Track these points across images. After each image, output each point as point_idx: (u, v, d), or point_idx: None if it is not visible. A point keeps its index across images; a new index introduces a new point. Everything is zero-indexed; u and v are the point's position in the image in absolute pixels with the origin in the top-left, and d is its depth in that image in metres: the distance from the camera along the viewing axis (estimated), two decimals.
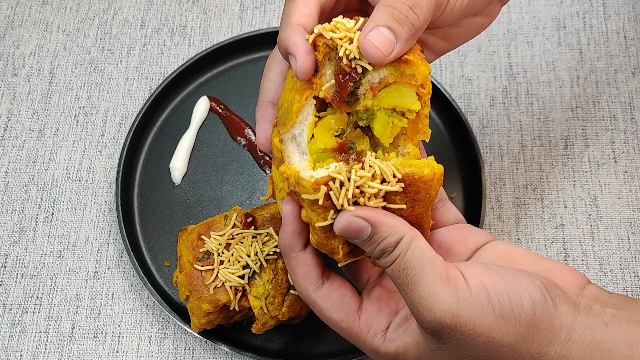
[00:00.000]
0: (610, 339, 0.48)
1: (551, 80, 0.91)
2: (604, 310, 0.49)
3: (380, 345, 0.53)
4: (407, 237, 0.49)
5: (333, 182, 0.49)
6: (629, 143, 0.87)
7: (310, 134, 0.53)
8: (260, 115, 0.59)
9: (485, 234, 0.58)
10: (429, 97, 0.53)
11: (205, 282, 0.69)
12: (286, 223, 0.53)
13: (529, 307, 0.47)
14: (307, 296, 0.55)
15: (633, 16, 0.95)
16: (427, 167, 0.51)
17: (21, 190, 0.86)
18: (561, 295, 0.49)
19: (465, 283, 0.48)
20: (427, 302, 0.47)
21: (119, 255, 0.82)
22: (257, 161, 0.86)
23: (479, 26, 0.62)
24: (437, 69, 0.93)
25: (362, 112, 0.53)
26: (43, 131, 0.89)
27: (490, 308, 0.47)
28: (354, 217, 0.49)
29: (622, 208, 0.84)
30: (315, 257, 0.55)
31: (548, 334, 0.48)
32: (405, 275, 0.48)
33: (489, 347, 0.48)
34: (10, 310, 0.79)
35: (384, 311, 0.55)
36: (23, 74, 0.93)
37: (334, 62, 0.52)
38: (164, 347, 0.78)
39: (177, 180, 0.85)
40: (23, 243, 0.83)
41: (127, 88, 0.92)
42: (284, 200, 0.54)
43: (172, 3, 0.98)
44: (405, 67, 0.52)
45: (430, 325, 0.48)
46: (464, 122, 0.84)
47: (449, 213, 0.60)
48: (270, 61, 0.60)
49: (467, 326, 0.47)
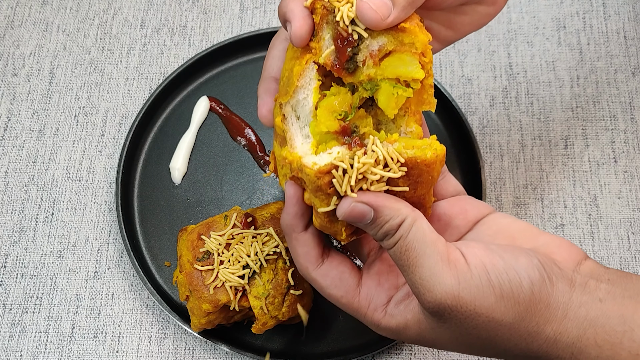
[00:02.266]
0: (604, 314, 0.49)
1: (551, 80, 0.91)
2: (599, 286, 0.50)
3: (381, 319, 0.55)
4: (409, 219, 0.50)
5: (336, 170, 0.50)
6: (629, 143, 0.87)
7: (316, 100, 0.53)
8: (263, 89, 0.59)
9: (485, 205, 0.58)
10: (431, 65, 0.53)
11: (205, 282, 0.69)
12: (289, 205, 0.54)
13: (527, 287, 0.48)
14: (307, 274, 0.56)
15: (633, 16, 0.95)
16: (430, 148, 0.51)
17: (21, 190, 0.86)
18: (558, 273, 0.50)
19: (465, 264, 0.49)
20: (429, 283, 0.48)
21: (119, 255, 0.82)
22: (257, 161, 0.86)
23: (485, 15, 0.62)
24: (437, 69, 0.93)
25: (365, 82, 0.53)
26: (43, 131, 0.90)
27: (490, 289, 0.48)
28: (357, 203, 0.50)
29: (622, 208, 0.84)
30: (316, 237, 0.56)
31: (545, 312, 0.49)
32: (407, 257, 0.49)
33: (489, 326, 0.49)
34: (10, 310, 0.79)
35: (383, 286, 0.56)
36: (23, 74, 0.93)
37: (332, 26, 0.52)
38: (164, 347, 0.78)
39: (177, 180, 0.85)
40: (23, 243, 0.83)
41: (127, 88, 0.92)
42: (288, 182, 0.54)
43: (172, 3, 0.98)
44: (403, 35, 0.52)
45: (432, 305, 0.49)
46: (464, 122, 0.84)
47: (448, 185, 0.60)
48: (274, 40, 0.61)
49: (468, 307, 0.48)
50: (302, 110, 0.54)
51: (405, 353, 0.77)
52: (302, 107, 0.54)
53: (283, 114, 0.54)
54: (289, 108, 0.54)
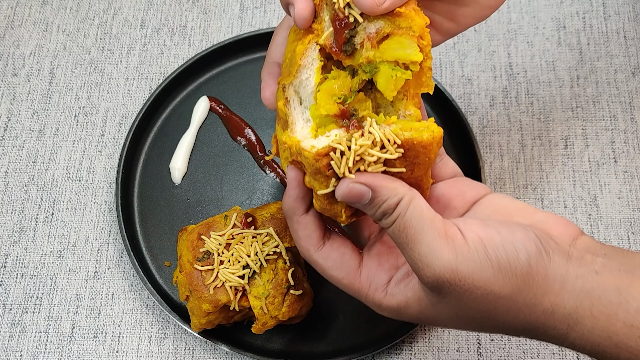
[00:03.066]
0: (600, 286, 0.49)
1: (551, 80, 0.91)
2: (595, 260, 0.50)
3: (382, 299, 0.55)
4: (407, 198, 0.51)
5: (334, 152, 0.51)
6: (629, 143, 0.87)
7: (318, 81, 0.54)
8: (267, 73, 0.60)
9: (482, 186, 0.59)
10: (429, 48, 0.53)
11: (205, 282, 0.69)
12: (290, 188, 0.55)
13: (524, 260, 0.49)
14: (309, 256, 0.57)
15: (633, 16, 0.95)
16: (427, 130, 0.52)
17: (21, 190, 0.86)
18: (554, 246, 0.51)
19: (463, 239, 0.49)
20: (427, 259, 0.49)
21: (119, 255, 0.82)
22: (257, 161, 0.86)
23: (486, 7, 0.62)
24: (437, 69, 0.93)
25: (364, 64, 0.54)
26: (43, 131, 0.90)
27: (487, 262, 0.49)
28: (354, 184, 0.51)
29: (622, 208, 0.84)
30: (317, 220, 0.57)
31: (542, 284, 0.49)
32: (405, 234, 0.50)
33: (487, 299, 0.49)
34: (10, 310, 0.79)
35: (383, 266, 0.57)
36: (23, 74, 0.93)
37: (330, 7, 0.53)
38: (164, 347, 0.78)
39: (177, 180, 0.85)
40: (23, 243, 0.83)
41: (127, 88, 0.92)
42: (289, 166, 0.55)
43: (172, 3, 0.98)
44: (399, 20, 0.53)
45: (431, 280, 0.49)
46: (464, 122, 0.84)
47: (446, 167, 0.61)
48: (278, 29, 0.62)
49: (466, 280, 0.49)
50: (304, 91, 0.54)
51: (405, 353, 0.77)
52: (304, 87, 0.54)
53: (286, 97, 0.55)
54: (292, 91, 0.55)
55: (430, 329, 0.78)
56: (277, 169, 0.85)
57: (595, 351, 0.50)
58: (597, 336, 0.49)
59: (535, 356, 0.76)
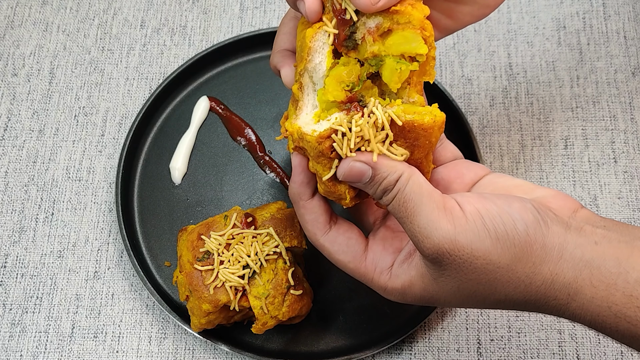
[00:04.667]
0: (599, 256, 0.49)
1: (551, 80, 0.91)
2: (594, 231, 0.51)
3: (387, 282, 0.56)
4: (406, 174, 0.52)
5: (336, 134, 0.52)
6: (629, 143, 0.87)
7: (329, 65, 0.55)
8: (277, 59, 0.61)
9: (481, 167, 0.60)
10: (432, 38, 0.54)
11: (205, 282, 0.69)
12: (295, 174, 0.57)
13: (522, 229, 0.50)
14: (315, 240, 0.59)
15: (633, 16, 0.96)
16: (429, 114, 0.53)
17: (21, 190, 0.86)
18: (553, 216, 0.51)
19: (461, 211, 0.51)
20: (426, 230, 0.50)
21: (119, 255, 0.82)
22: (257, 161, 0.86)
23: (485, 6, 0.62)
24: (437, 69, 0.93)
25: (370, 58, 0.55)
26: (43, 131, 0.90)
27: (485, 232, 0.50)
28: (355, 162, 0.52)
29: (622, 208, 0.84)
30: (323, 204, 0.58)
31: (541, 253, 0.50)
32: (405, 208, 0.51)
33: (487, 269, 0.50)
34: (10, 310, 0.79)
35: (387, 250, 0.58)
36: (23, 74, 0.93)
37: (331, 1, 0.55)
38: (164, 347, 0.78)
39: (177, 180, 0.85)
40: (23, 243, 0.83)
41: (127, 88, 0.92)
42: (293, 152, 0.57)
43: (172, 3, 0.98)
44: (397, 16, 0.54)
45: (431, 252, 0.50)
46: (464, 122, 0.84)
47: (446, 152, 0.62)
48: (283, 19, 0.63)
49: (465, 250, 0.50)
50: (316, 75, 0.56)
51: (405, 353, 0.77)
52: (317, 72, 0.55)
53: (300, 82, 0.56)
54: (307, 77, 0.56)
55: (430, 329, 0.78)
56: (277, 169, 0.86)
57: (595, 321, 0.50)
58: (597, 306, 0.49)
59: (535, 356, 0.76)
